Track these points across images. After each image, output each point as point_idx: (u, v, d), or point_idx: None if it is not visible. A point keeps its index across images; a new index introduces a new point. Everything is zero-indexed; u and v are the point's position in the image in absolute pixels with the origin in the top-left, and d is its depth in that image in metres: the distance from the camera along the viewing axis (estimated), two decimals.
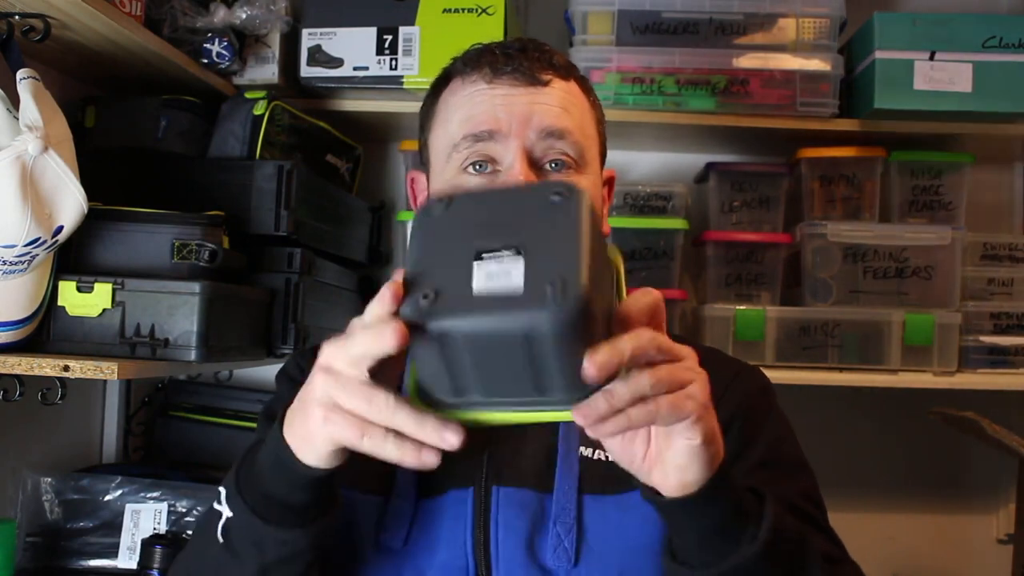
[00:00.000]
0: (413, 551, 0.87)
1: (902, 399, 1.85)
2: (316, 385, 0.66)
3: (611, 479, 0.87)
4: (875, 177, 1.71)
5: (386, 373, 0.65)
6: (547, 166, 0.91)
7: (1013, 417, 1.87)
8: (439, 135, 0.96)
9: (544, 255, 0.59)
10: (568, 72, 0.96)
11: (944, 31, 1.58)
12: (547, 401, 0.63)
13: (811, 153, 1.71)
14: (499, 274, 0.59)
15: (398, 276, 0.63)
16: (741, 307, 1.66)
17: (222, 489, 0.77)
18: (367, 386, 0.63)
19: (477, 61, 0.94)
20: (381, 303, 0.62)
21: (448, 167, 0.93)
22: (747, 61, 1.63)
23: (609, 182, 1.03)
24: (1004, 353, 1.67)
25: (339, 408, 0.64)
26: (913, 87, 1.58)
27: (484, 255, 0.60)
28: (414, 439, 0.63)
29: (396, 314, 0.61)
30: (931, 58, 1.58)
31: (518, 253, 0.60)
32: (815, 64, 1.63)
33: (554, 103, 0.92)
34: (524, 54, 0.93)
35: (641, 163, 1.93)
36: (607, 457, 0.87)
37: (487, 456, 0.88)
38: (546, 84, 0.92)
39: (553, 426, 0.90)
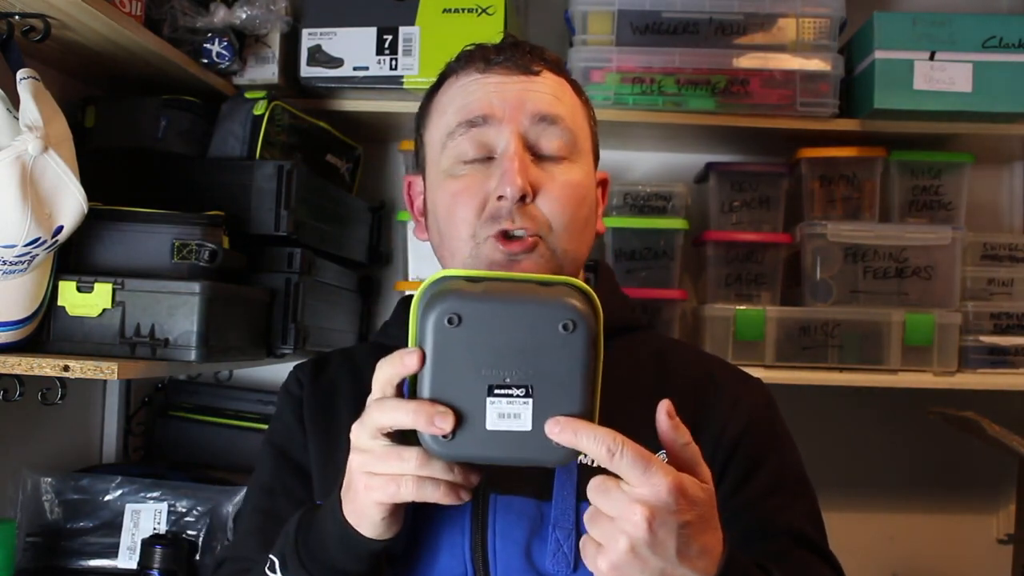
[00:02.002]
0: (413, 558, 0.87)
1: (902, 399, 1.85)
2: (352, 464, 0.75)
3: None
4: (875, 177, 1.71)
5: (407, 434, 0.72)
6: (541, 151, 0.92)
7: (1013, 417, 1.87)
8: (435, 128, 0.97)
9: (551, 397, 0.68)
10: (560, 69, 0.98)
11: (944, 31, 1.58)
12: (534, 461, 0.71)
13: (811, 153, 1.71)
14: (510, 415, 0.68)
15: (411, 360, 0.69)
16: (741, 307, 1.66)
17: (275, 559, 0.83)
18: (393, 448, 0.72)
19: (470, 57, 0.96)
20: (385, 386, 0.72)
21: (444, 155, 0.94)
22: (747, 61, 1.63)
23: (603, 184, 1.04)
24: (1004, 353, 1.67)
25: (376, 475, 0.73)
26: (913, 87, 1.58)
27: (496, 390, 0.68)
28: (447, 481, 0.72)
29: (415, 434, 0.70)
30: (931, 58, 1.58)
31: (527, 394, 0.68)
32: (815, 64, 1.63)
33: (546, 91, 0.94)
34: (516, 47, 0.96)
35: (641, 163, 1.93)
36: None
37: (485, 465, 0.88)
38: (537, 73, 0.94)
39: None
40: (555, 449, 0.68)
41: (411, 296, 1.05)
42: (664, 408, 0.71)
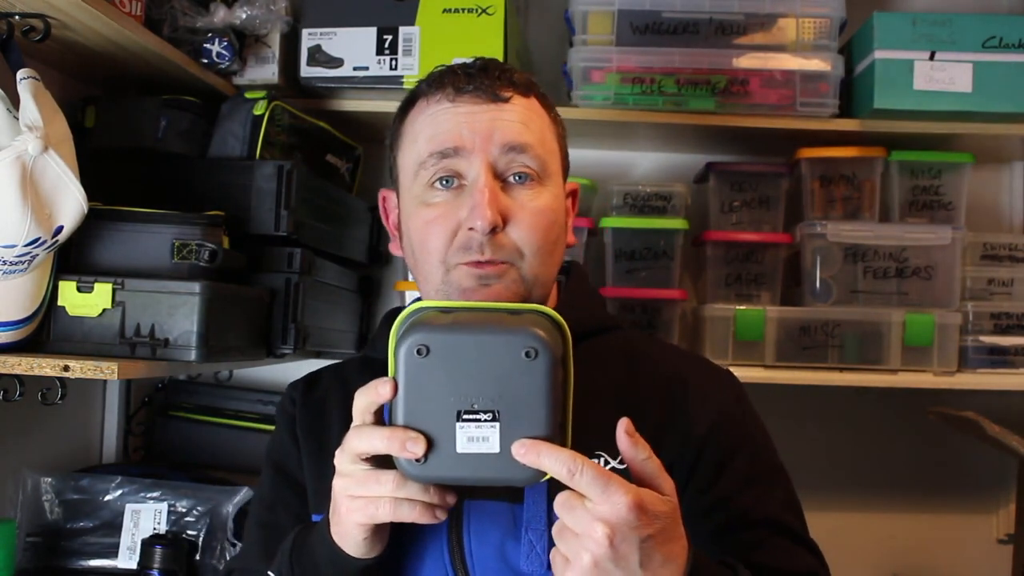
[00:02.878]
0: (400, 565, 0.91)
1: (902, 399, 1.85)
2: (335, 488, 0.80)
3: None
4: (875, 177, 1.71)
5: (386, 458, 0.76)
6: (511, 178, 0.94)
7: (1013, 417, 1.87)
8: (407, 154, 0.99)
9: (517, 421, 0.72)
10: (528, 89, 0.99)
11: (944, 31, 1.58)
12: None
13: (811, 153, 1.71)
14: (478, 438, 0.72)
15: (385, 390, 0.74)
16: (741, 307, 1.66)
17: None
18: (372, 472, 0.77)
19: (440, 81, 0.97)
20: (364, 414, 0.77)
21: (416, 183, 0.96)
22: (747, 61, 1.63)
23: (572, 195, 1.06)
24: (1004, 353, 1.67)
25: (356, 497, 0.78)
26: (913, 87, 1.58)
27: (464, 415, 0.72)
28: (423, 502, 0.77)
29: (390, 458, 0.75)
30: (931, 58, 1.58)
31: (494, 419, 0.72)
32: (815, 64, 1.63)
33: (515, 119, 0.95)
34: (485, 72, 0.97)
35: (641, 163, 1.93)
36: None
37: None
38: (507, 100, 0.95)
39: None
40: (523, 469, 0.72)
41: (396, 309, 1.08)
42: (623, 426, 0.74)
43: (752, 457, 0.96)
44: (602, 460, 0.90)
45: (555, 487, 0.84)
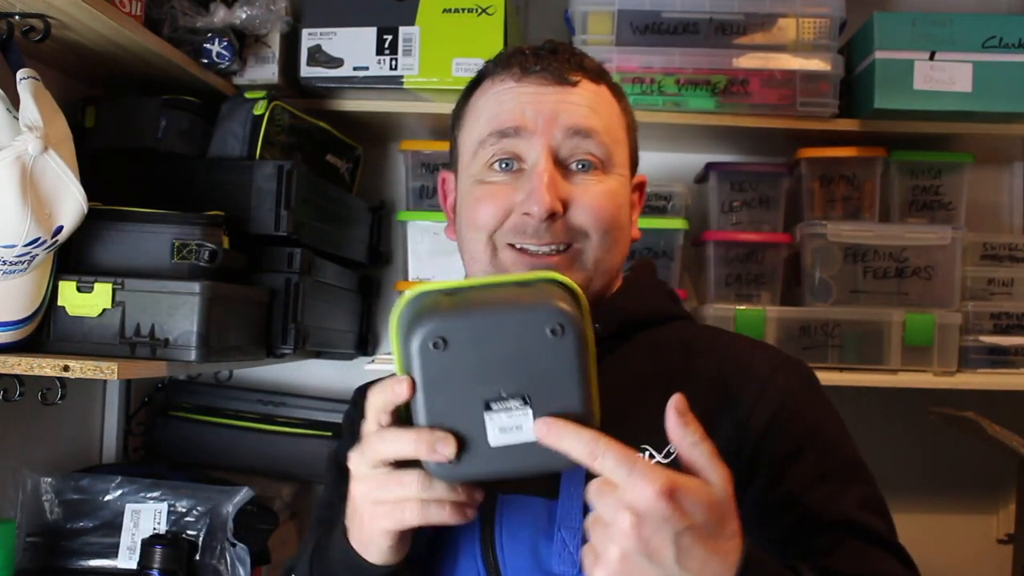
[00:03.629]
0: (434, 560, 0.87)
1: (902, 399, 1.85)
2: (355, 494, 0.75)
3: None
4: (875, 177, 1.71)
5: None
6: (573, 166, 0.91)
7: (1013, 417, 1.87)
8: (468, 133, 0.96)
9: (550, 403, 0.66)
10: (599, 76, 0.96)
11: (944, 31, 1.58)
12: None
13: (811, 153, 1.71)
14: (511, 428, 0.66)
15: (401, 389, 0.68)
16: (741, 307, 1.66)
17: None
18: (394, 474, 0.71)
19: (507, 62, 0.94)
20: (380, 415, 0.71)
21: (475, 163, 0.93)
22: (747, 61, 1.63)
23: (640, 187, 1.03)
24: (1004, 353, 1.67)
25: (380, 502, 0.72)
26: (913, 87, 1.58)
27: (493, 405, 0.66)
28: (453, 501, 0.71)
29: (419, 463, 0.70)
30: (931, 58, 1.58)
31: (525, 403, 0.66)
32: (815, 64, 1.63)
33: (582, 103, 0.92)
34: (555, 55, 0.94)
35: (641, 163, 1.92)
36: None
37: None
38: (575, 84, 0.92)
39: None
40: (562, 460, 0.66)
41: None
42: (674, 404, 0.67)
43: (824, 451, 0.87)
44: (647, 454, 0.84)
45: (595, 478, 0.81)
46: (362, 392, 1.05)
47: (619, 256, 0.94)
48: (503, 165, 0.91)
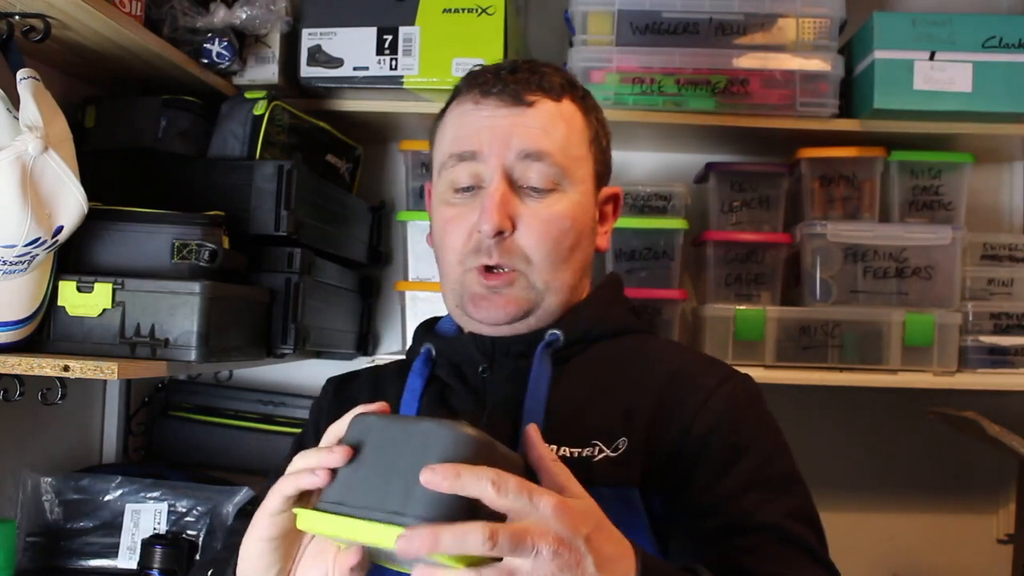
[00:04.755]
0: None
1: (902, 399, 1.85)
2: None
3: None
4: (875, 177, 1.71)
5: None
6: (526, 187, 0.95)
7: (1013, 417, 1.87)
8: (437, 150, 1.02)
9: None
10: (560, 92, 0.98)
11: (944, 31, 1.58)
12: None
13: (811, 153, 1.71)
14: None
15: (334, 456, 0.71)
16: (741, 307, 1.66)
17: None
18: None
19: (471, 82, 0.99)
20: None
21: (440, 182, 1.00)
22: (747, 61, 1.63)
23: (613, 199, 1.06)
24: (1004, 353, 1.67)
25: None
26: (913, 87, 1.58)
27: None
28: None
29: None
30: (931, 58, 1.58)
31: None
32: (815, 64, 1.63)
33: (535, 124, 0.95)
34: (513, 75, 0.97)
35: (641, 163, 1.93)
36: (575, 453, 0.89)
37: None
38: (530, 105, 0.96)
39: (517, 423, 0.91)
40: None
41: (433, 320, 1.09)
42: (529, 431, 0.74)
43: (760, 462, 0.89)
44: (597, 448, 0.88)
45: None
46: (331, 381, 1.10)
47: (572, 272, 0.98)
48: (464, 189, 0.97)
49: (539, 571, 0.64)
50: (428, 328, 1.09)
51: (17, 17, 1.16)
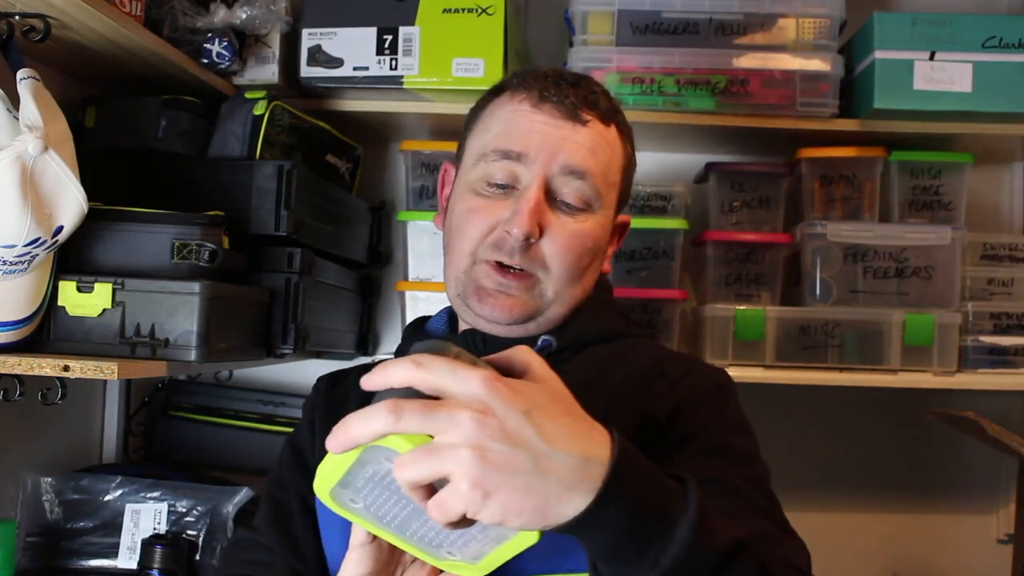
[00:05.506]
0: None
1: (902, 399, 1.85)
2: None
3: None
4: (875, 177, 1.71)
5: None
6: (560, 201, 0.96)
7: (1013, 417, 1.87)
8: (476, 139, 1.01)
9: None
10: (611, 116, 1.00)
11: (944, 31, 1.58)
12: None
13: (811, 153, 1.71)
14: None
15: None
16: (741, 307, 1.66)
17: None
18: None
19: (529, 82, 0.99)
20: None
21: (475, 171, 0.99)
22: (747, 61, 1.63)
23: (622, 227, 1.08)
24: (1004, 353, 1.67)
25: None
26: (913, 87, 1.58)
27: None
28: None
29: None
30: (931, 58, 1.58)
31: None
32: (815, 64, 1.63)
33: (585, 143, 0.96)
34: (574, 88, 0.98)
35: (641, 163, 1.89)
36: None
37: None
38: (584, 123, 0.97)
39: None
40: None
41: (423, 318, 1.09)
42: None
43: (720, 438, 0.88)
44: None
45: None
46: (322, 379, 1.10)
47: (581, 289, 0.99)
48: (498, 187, 0.96)
49: (465, 440, 0.58)
50: (418, 327, 1.10)
51: (17, 17, 1.16)
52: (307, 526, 0.98)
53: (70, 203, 1.07)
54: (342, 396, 1.05)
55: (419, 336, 1.05)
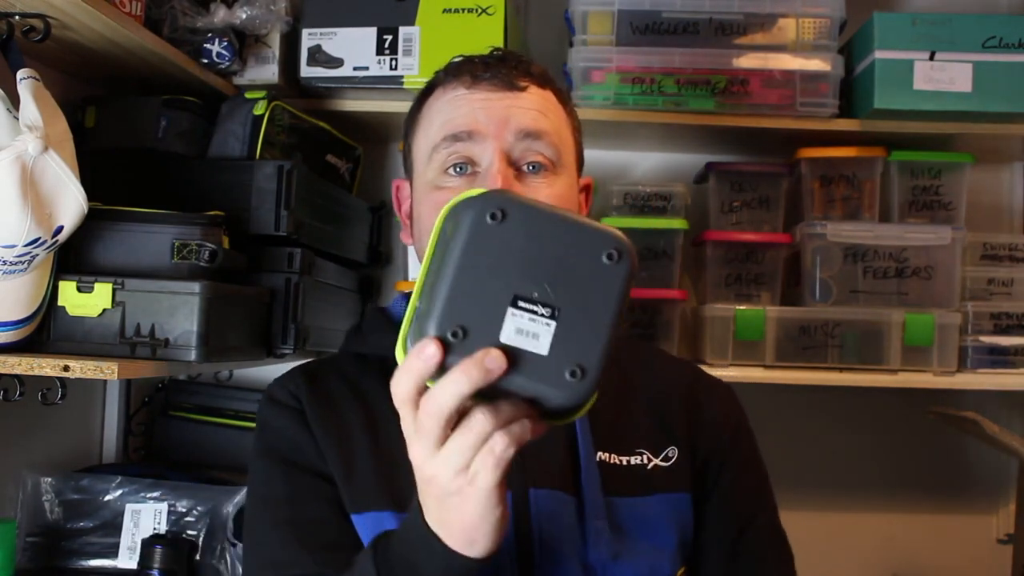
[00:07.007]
0: None
1: (902, 399, 1.85)
2: (436, 485, 0.67)
3: (632, 483, 0.93)
4: (875, 177, 1.71)
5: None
6: (525, 167, 0.94)
7: (1013, 417, 1.87)
8: (421, 139, 0.99)
9: (575, 326, 0.62)
10: (545, 81, 1.00)
11: (944, 31, 1.58)
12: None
13: (811, 153, 1.71)
14: (528, 333, 0.62)
15: (432, 350, 0.62)
16: (741, 307, 1.66)
17: None
18: (459, 429, 0.64)
19: (458, 70, 0.98)
20: (409, 402, 0.65)
21: (429, 168, 0.97)
22: (747, 61, 1.63)
23: (586, 189, 1.07)
24: (1004, 353, 1.67)
25: (467, 461, 0.64)
26: (913, 87, 1.58)
27: (521, 303, 0.62)
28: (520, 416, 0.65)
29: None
30: (931, 58, 1.58)
31: (552, 316, 0.62)
32: (815, 64, 1.63)
33: (531, 106, 0.96)
34: (503, 62, 0.98)
35: (641, 163, 1.93)
36: (625, 461, 0.94)
37: (520, 460, 0.75)
38: (523, 89, 0.96)
39: (570, 430, 0.94)
40: (563, 387, 0.61)
41: (384, 308, 1.07)
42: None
43: (759, 470, 1.03)
44: (644, 457, 0.94)
45: (606, 478, 0.88)
46: (292, 380, 1.00)
47: None
48: (457, 169, 0.95)
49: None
50: (384, 314, 1.05)
51: (17, 17, 1.16)
52: (347, 531, 0.89)
53: (70, 203, 1.07)
54: (328, 397, 0.98)
55: (392, 329, 0.96)
